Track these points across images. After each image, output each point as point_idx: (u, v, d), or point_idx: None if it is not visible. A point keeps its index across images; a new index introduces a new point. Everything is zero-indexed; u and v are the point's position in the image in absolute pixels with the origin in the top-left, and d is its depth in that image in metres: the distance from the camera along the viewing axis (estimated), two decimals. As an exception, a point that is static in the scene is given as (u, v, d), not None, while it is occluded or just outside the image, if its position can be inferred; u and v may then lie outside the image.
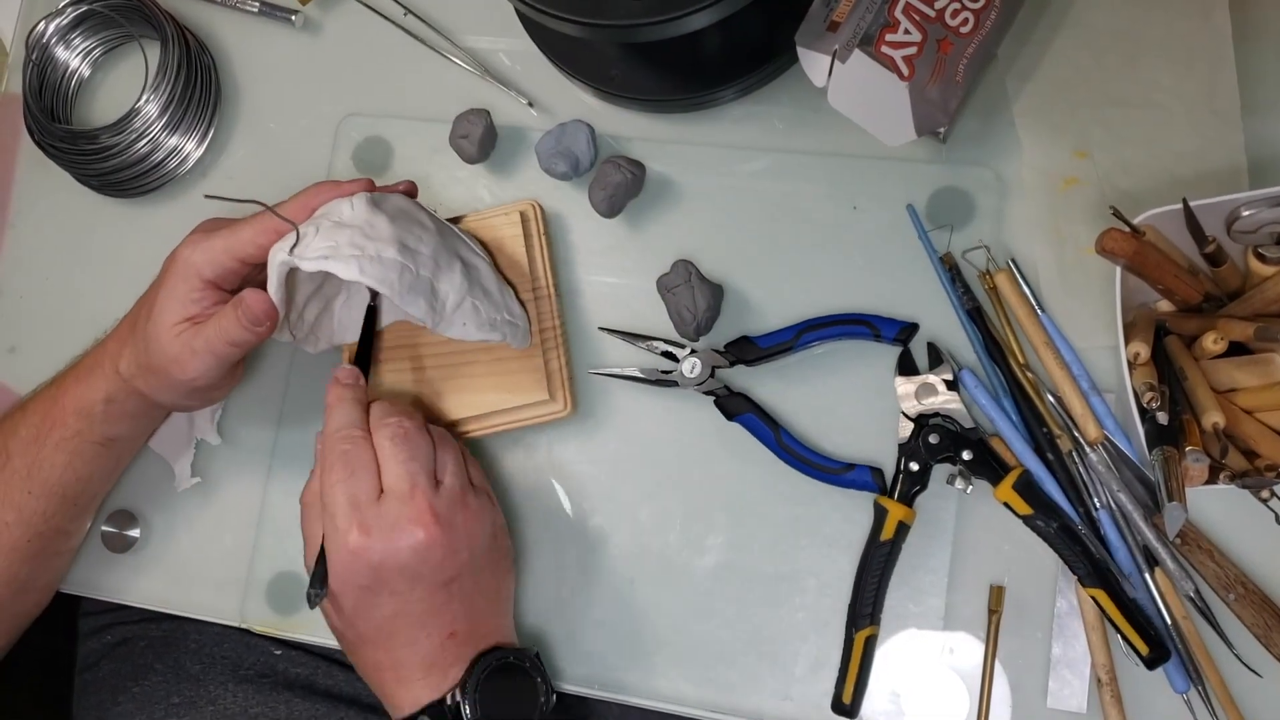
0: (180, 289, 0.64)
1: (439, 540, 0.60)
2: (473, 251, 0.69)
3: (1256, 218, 0.59)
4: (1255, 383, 0.59)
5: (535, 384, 0.69)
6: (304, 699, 0.75)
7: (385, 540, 0.59)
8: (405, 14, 0.80)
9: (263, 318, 0.62)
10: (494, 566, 0.65)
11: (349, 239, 0.61)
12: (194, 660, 0.76)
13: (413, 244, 0.64)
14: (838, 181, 0.72)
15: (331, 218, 0.63)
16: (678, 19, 0.59)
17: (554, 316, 0.71)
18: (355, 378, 0.65)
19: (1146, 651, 0.61)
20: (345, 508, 0.60)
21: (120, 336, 0.68)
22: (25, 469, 0.68)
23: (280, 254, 0.62)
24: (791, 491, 0.69)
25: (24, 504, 0.68)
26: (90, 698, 0.78)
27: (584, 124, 0.73)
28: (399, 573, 0.60)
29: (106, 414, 0.68)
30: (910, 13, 0.64)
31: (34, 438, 0.68)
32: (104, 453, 0.70)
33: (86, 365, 0.69)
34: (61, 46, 0.82)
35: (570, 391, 0.71)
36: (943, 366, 0.67)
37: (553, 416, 0.70)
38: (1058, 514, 0.64)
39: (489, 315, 0.66)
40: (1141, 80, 0.69)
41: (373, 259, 0.61)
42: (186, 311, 0.64)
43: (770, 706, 0.67)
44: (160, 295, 0.65)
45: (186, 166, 0.81)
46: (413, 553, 0.59)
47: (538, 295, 0.71)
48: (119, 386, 0.67)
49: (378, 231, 0.62)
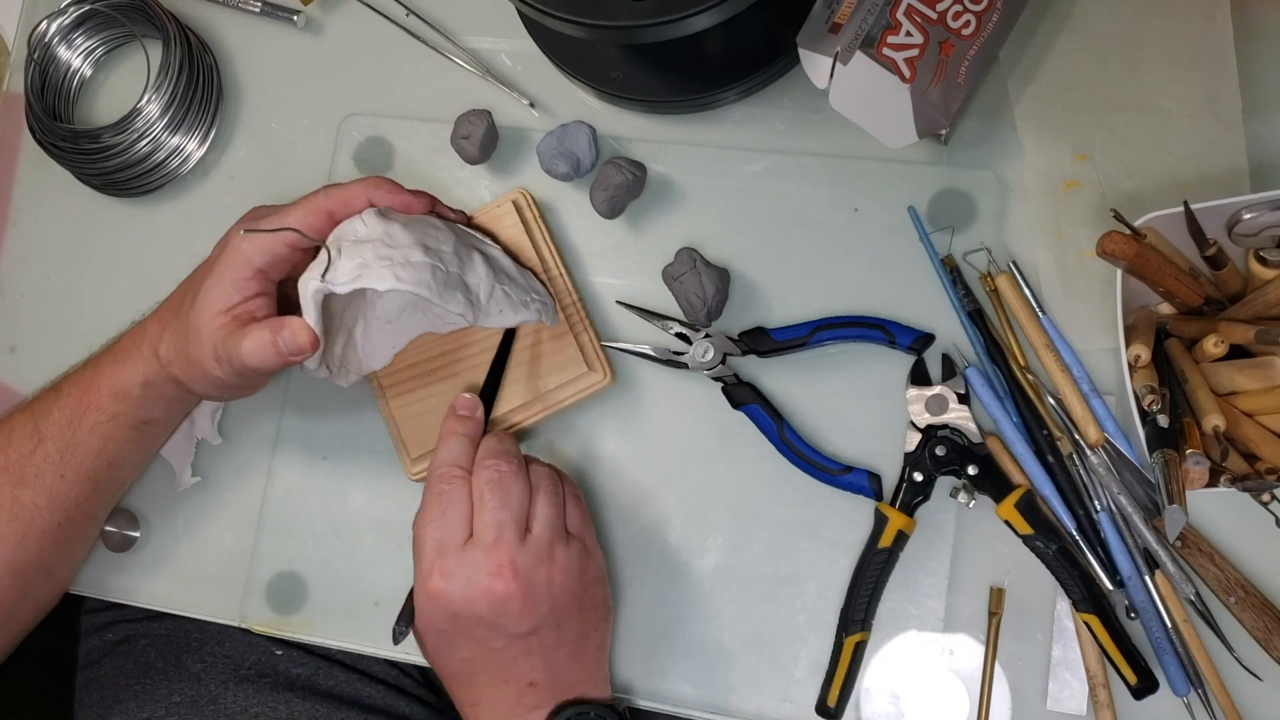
0: (228, 275, 0.63)
1: (515, 594, 0.59)
2: (486, 242, 0.69)
3: (1258, 221, 0.59)
4: (1256, 386, 0.59)
5: (573, 360, 0.70)
6: (304, 699, 0.75)
7: (463, 589, 0.59)
8: (407, 14, 0.80)
9: (308, 348, 0.61)
10: (581, 618, 0.63)
11: (374, 252, 0.61)
12: (195, 659, 0.76)
13: (433, 244, 0.64)
14: (839, 183, 0.72)
15: (348, 238, 0.63)
16: (680, 20, 0.59)
17: (571, 293, 0.72)
18: (473, 409, 0.65)
19: (1135, 681, 0.62)
20: (432, 550, 0.60)
21: (162, 319, 0.67)
22: (58, 453, 0.68)
23: (313, 282, 0.61)
24: (793, 493, 0.69)
25: (56, 488, 0.68)
26: (91, 696, 0.78)
27: (585, 125, 0.73)
28: (475, 622, 0.60)
29: (143, 398, 0.68)
30: (912, 15, 0.64)
31: (68, 421, 0.68)
32: (138, 437, 0.69)
33: (124, 347, 0.68)
34: (63, 46, 0.82)
35: (607, 360, 0.71)
36: (956, 379, 0.67)
37: (597, 387, 0.70)
38: (1058, 536, 0.64)
39: (519, 297, 0.66)
40: (1143, 83, 0.69)
41: (404, 265, 0.61)
42: (230, 300, 0.63)
43: (770, 708, 0.67)
44: (208, 281, 0.64)
45: (188, 166, 0.81)
46: (489, 605, 0.59)
47: (550, 276, 0.72)
48: (157, 370, 0.67)
49: (397, 239, 0.62)
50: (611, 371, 0.71)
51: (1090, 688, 0.64)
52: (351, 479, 0.75)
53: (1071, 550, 0.64)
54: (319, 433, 0.76)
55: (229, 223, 0.69)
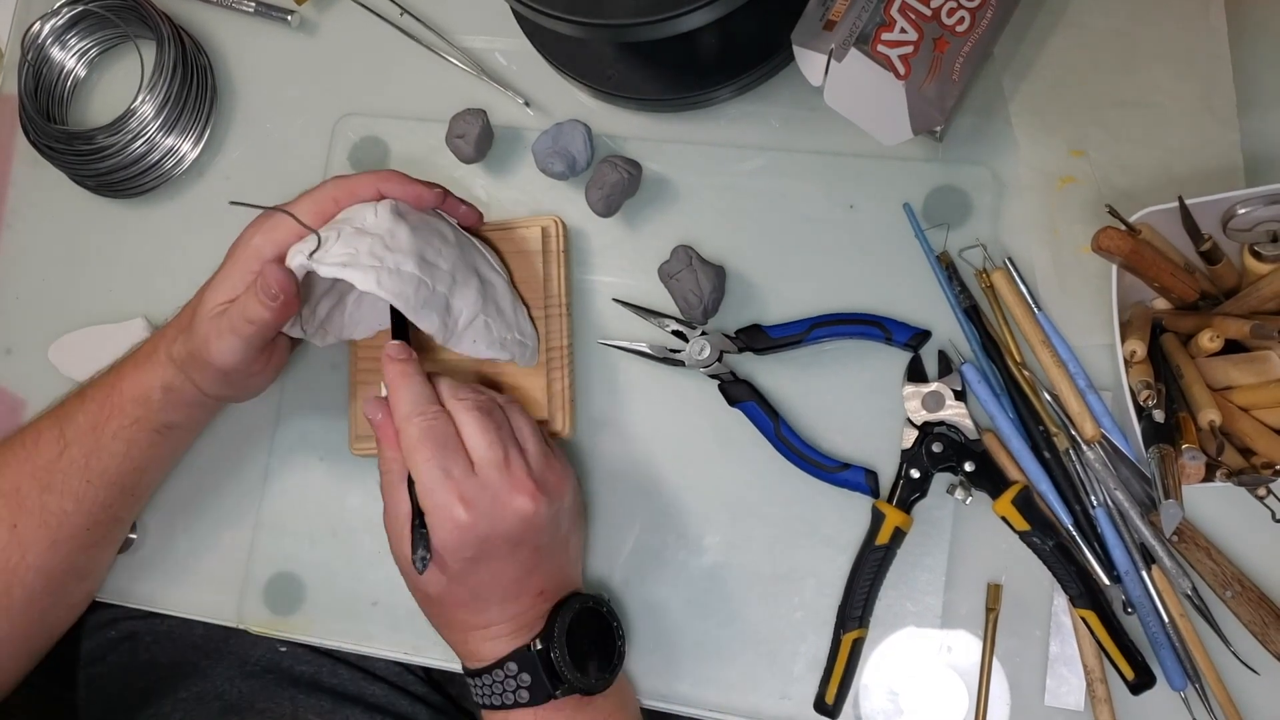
0: (236, 270, 0.64)
1: (542, 505, 0.61)
2: (490, 267, 0.68)
3: (1252, 215, 0.59)
4: (1251, 380, 0.59)
5: (536, 403, 0.69)
6: (309, 695, 0.75)
7: (490, 511, 0.60)
8: (401, 14, 0.80)
9: (277, 291, 0.61)
10: (575, 522, 0.66)
11: (369, 248, 0.61)
12: (200, 655, 0.76)
13: (432, 257, 0.63)
14: (834, 180, 0.72)
15: (354, 223, 0.63)
16: (674, 18, 0.59)
17: (563, 336, 0.71)
18: (408, 352, 0.65)
19: (1132, 676, 0.62)
20: (441, 485, 0.60)
21: (179, 324, 0.68)
22: (83, 458, 0.68)
23: (299, 256, 0.62)
24: (790, 490, 0.69)
25: (83, 494, 0.68)
26: (96, 692, 0.78)
27: (580, 123, 0.73)
28: (504, 540, 0.61)
29: (165, 402, 0.68)
30: (906, 11, 0.64)
31: (92, 426, 0.68)
32: (161, 441, 0.70)
33: (145, 352, 0.69)
34: (57, 47, 0.82)
35: (571, 415, 0.70)
36: (952, 376, 0.67)
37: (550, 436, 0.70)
38: (1055, 532, 0.64)
39: (499, 334, 0.66)
40: (1138, 79, 0.69)
41: (391, 271, 0.61)
42: (235, 290, 0.64)
43: (768, 705, 0.67)
44: (217, 276, 0.65)
45: (182, 167, 0.81)
46: (519, 520, 0.61)
47: (549, 313, 0.71)
48: (174, 374, 0.67)
49: (398, 242, 0.62)
50: (571, 426, 0.70)
51: (1088, 683, 0.64)
52: (349, 480, 0.75)
53: (1068, 546, 0.64)
54: (316, 434, 0.76)
55: (224, 223, 0.69)
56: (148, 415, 0.68)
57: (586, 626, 0.64)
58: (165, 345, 0.67)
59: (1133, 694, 0.62)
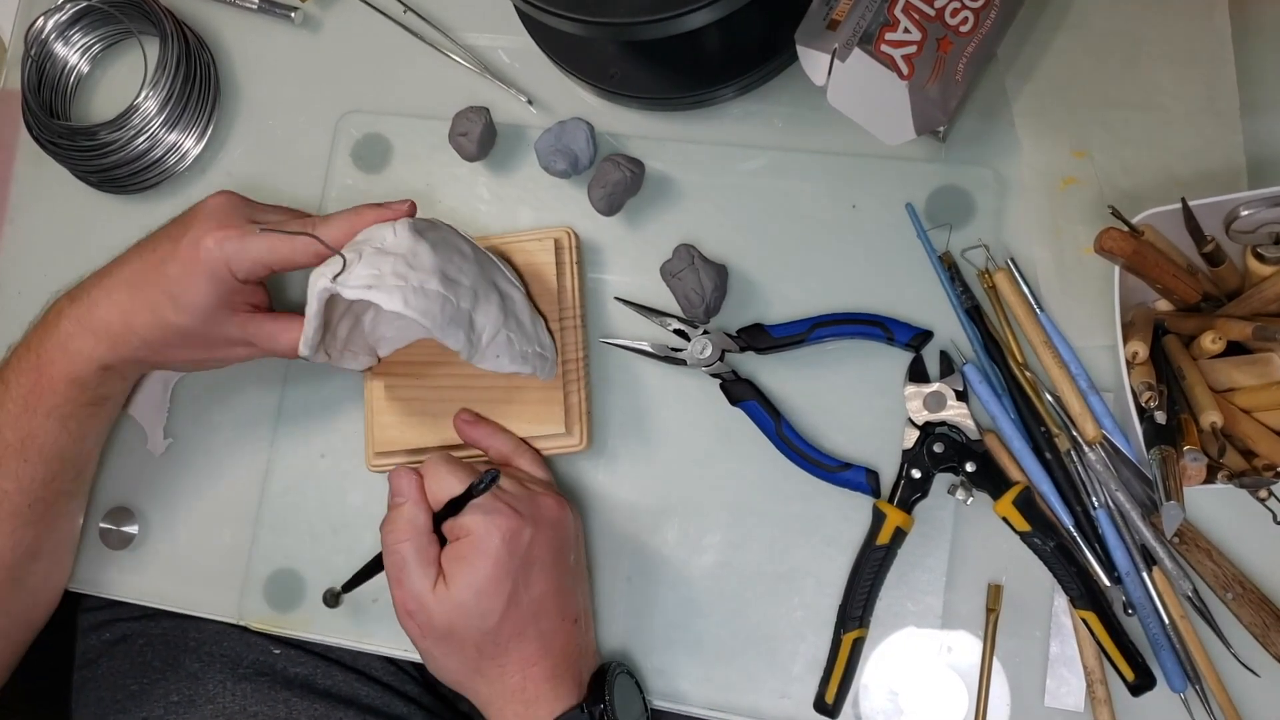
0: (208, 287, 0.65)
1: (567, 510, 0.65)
2: (509, 281, 0.68)
3: (1255, 217, 0.59)
4: (1253, 382, 0.59)
5: (553, 416, 0.69)
6: (303, 698, 0.75)
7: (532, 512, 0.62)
8: (405, 11, 0.80)
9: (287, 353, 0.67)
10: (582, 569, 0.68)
11: (392, 268, 0.61)
12: (193, 658, 0.76)
13: (454, 274, 0.63)
14: (837, 180, 0.72)
15: (374, 244, 0.62)
16: (677, 17, 0.59)
17: (579, 348, 0.71)
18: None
19: (1133, 678, 0.62)
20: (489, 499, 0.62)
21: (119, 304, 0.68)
22: (18, 441, 0.68)
23: (322, 280, 0.61)
24: (791, 490, 0.69)
25: (21, 471, 0.68)
26: (89, 695, 0.77)
27: (583, 122, 0.73)
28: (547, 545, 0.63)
29: (102, 379, 0.69)
30: (910, 12, 0.64)
31: (22, 410, 0.68)
32: (97, 412, 0.70)
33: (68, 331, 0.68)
34: (60, 43, 0.82)
35: (588, 428, 0.70)
36: (954, 376, 0.67)
37: (568, 450, 0.70)
38: (1055, 533, 0.64)
39: (521, 348, 0.66)
40: (1141, 80, 0.69)
41: (416, 290, 0.60)
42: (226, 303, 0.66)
43: (768, 705, 0.67)
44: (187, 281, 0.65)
45: (185, 163, 0.81)
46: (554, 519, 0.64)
47: (564, 325, 0.70)
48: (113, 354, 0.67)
49: (421, 261, 0.62)
50: (589, 438, 0.70)
51: (1088, 684, 0.64)
52: (350, 477, 0.75)
53: (1069, 547, 0.64)
54: (317, 430, 0.76)
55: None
56: (82, 393, 0.69)
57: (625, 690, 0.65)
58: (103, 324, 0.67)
59: (1133, 695, 0.62)
